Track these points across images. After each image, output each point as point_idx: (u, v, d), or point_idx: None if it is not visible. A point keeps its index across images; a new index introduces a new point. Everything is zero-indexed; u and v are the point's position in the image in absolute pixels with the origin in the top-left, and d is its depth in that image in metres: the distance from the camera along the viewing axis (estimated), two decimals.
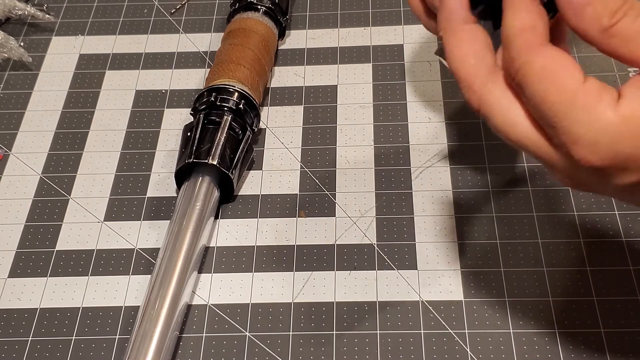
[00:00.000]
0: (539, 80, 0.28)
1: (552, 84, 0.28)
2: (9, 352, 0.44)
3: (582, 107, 0.27)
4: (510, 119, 0.30)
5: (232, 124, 0.49)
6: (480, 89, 0.30)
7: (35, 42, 0.61)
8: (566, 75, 0.28)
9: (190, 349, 0.44)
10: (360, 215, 0.49)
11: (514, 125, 0.30)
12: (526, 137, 0.30)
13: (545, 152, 0.30)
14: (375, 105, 0.55)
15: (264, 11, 0.56)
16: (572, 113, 0.27)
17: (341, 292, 0.45)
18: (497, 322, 0.44)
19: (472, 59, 0.30)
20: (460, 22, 0.31)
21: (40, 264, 0.48)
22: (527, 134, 0.30)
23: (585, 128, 0.27)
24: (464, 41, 0.31)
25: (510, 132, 0.30)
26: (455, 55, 0.31)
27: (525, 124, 0.30)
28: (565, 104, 0.28)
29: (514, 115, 0.30)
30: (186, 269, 0.44)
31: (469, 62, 0.30)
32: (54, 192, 0.51)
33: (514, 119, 0.30)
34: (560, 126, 0.28)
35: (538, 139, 0.30)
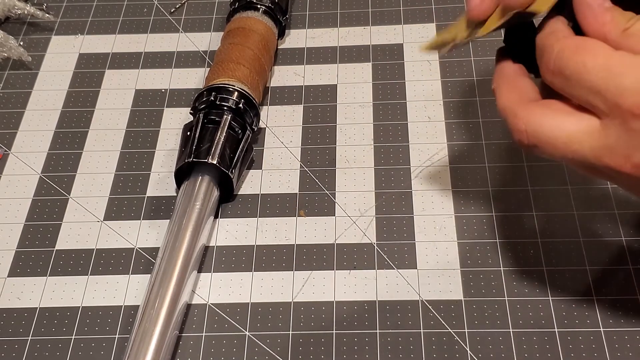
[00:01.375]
0: (576, 55, 0.31)
1: (588, 53, 0.31)
2: (8, 352, 0.44)
3: (620, 61, 0.30)
4: (557, 123, 0.32)
5: (231, 124, 0.49)
6: (524, 113, 0.33)
7: (34, 41, 0.61)
8: (598, 45, 0.31)
9: (190, 348, 0.44)
10: (360, 215, 0.49)
11: (563, 128, 0.32)
12: (577, 131, 0.32)
13: (599, 136, 0.31)
14: (375, 104, 0.55)
15: (264, 10, 0.56)
16: (612, 69, 0.30)
17: (341, 292, 0.45)
18: (497, 322, 0.44)
19: (516, 95, 0.34)
20: (511, 75, 0.36)
21: (40, 264, 0.48)
22: (576, 128, 0.32)
23: (628, 77, 0.30)
24: (511, 84, 0.35)
25: (561, 135, 0.32)
26: (503, 93, 0.35)
27: (572, 121, 0.32)
28: (604, 65, 0.31)
29: (560, 119, 0.32)
30: (186, 268, 0.44)
31: (514, 97, 0.34)
32: (53, 192, 0.51)
33: (561, 122, 0.32)
34: (604, 86, 0.30)
35: (588, 127, 0.32)
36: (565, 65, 0.32)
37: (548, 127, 0.33)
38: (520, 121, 0.34)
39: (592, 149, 0.32)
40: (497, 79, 0.37)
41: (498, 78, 0.37)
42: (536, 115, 0.33)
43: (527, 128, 0.33)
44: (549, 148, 0.33)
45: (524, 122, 0.33)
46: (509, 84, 0.36)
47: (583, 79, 0.31)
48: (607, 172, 0.33)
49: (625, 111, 0.30)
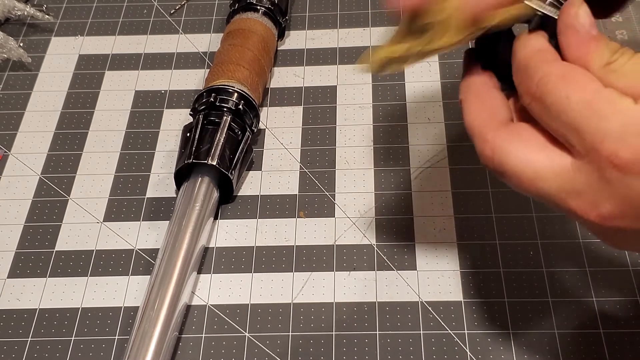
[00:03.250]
0: (561, 86, 0.29)
1: (574, 85, 0.29)
2: (8, 353, 0.44)
3: (607, 101, 0.28)
4: (526, 156, 0.30)
5: (231, 125, 0.49)
6: (493, 137, 0.31)
7: (34, 42, 0.61)
8: (587, 79, 0.29)
9: (189, 349, 0.43)
10: (359, 216, 0.49)
11: (531, 162, 0.30)
12: (544, 167, 0.30)
13: (568, 178, 0.29)
14: (375, 105, 0.55)
15: (264, 12, 0.56)
16: (596, 109, 0.28)
17: (340, 293, 0.45)
18: (497, 323, 0.44)
19: (486, 113, 0.32)
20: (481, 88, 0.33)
21: (40, 265, 0.48)
22: (545, 164, 0.30)
23: (612, 122, 0.28)
24: (480, 99, 0.33)
25: (528, 169, 0.30)
26: (471, 110, 0.32)
27: (541, 156, 0.30)
28: (589, 102, 0.28)
29: (530, 152, 0.30)
30: (185, 269, 0.44)
31: (483, 116, 0.32)
32: (53, 193, 0.51)
33: (530, 156, 0.30)
34: (585, 126, 0.28)
35: (558, 165, 0.30)
36: (548, 92, 0.29)
37: (515, 159, 0.30)
38: (488, 146, 0.31)
39: (559, 190, 0.30)
40: (465, 91, 0.34)
41: (466, 89, 0.34)
42: (505, 143, 0.31)
43: (494, 155, 0.31)
44: (514, 180, 0.31)
45: (491, 149, 0.31)
46: (479, 98, 0.33)
47: (564, 113, 0.29)
48: (572, 215, 0.31)
49: (602, 158, 0.28)
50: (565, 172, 0.29)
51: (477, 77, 0.34)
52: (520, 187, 0.31)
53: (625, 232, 0.30)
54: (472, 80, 0.34)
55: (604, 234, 0.31)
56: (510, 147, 0.30)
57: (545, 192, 0.30)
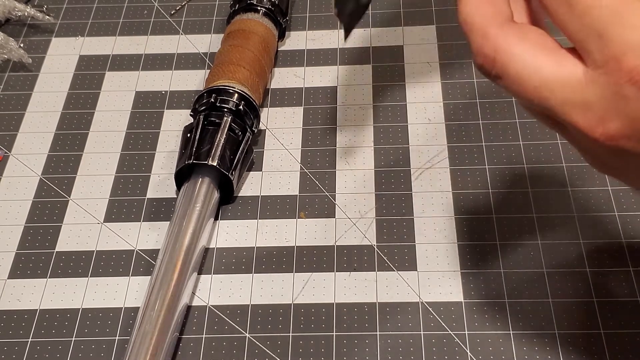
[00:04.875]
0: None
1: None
2: (8, 353, 0.44)
3: (636, 9, 0.26)
4: (534, 59, 0.27)
5: (232, 125, 0.49)
6: (496, 34, 0.28)
7: (35, 43, 0.61)
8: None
9: (190, 350, 0.44)
10: (360, 217, 0.49)
11: (538, 69, 0.27)
12: (553, 74, 0.27)
13: (579, 88, 0.27)
14: (375, 106, 0.55)
15: (264, 12, 0.56)
16: (627, 17, 0.26)
17: (341, 294, 0.45)
18: (497, 323, 0.44)
19: (490, 7, 0.28)
20: None
21: (40, 265, 0.48)
22: (554, 71, 0.27)
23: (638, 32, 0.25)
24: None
25: (533, 77, 0.27)
26: (472, 1, 0.29)
27: (551, 62, 0.27)
28: (619, 8, 0.26)
29: (538, 55, 0.27)
30: (186, 270, 0.44)
31: (484, 10, 0.28)
32: (53, 193, 0.51)
33: (538, 59, 0.27)
34: (611, 32, 0.26)
35: (569, 73, 0.27)
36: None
37: (521, 62, 0.27)
38: (489, 44, 0.28)
39: (565, 101, 0.27)
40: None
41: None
42: (511, 43, 0.27)
43: (496, 56, 0.28)
44: (514, 87, 0.28)
45: (494, 48, 0.28)
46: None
47: (589, 13, 0.26)
48: (570, 130, 0.28)
49: (623, 71, 0.25)
50: (576, 81, 0.27)
51: None
52: (520, 94, 0.28)
53: (626, 156, 0.27)
54: None
55: (600, 157, 0.29)
56: (516, 48, 0.27)
57: (549, 102, 0.27)
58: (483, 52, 0.28)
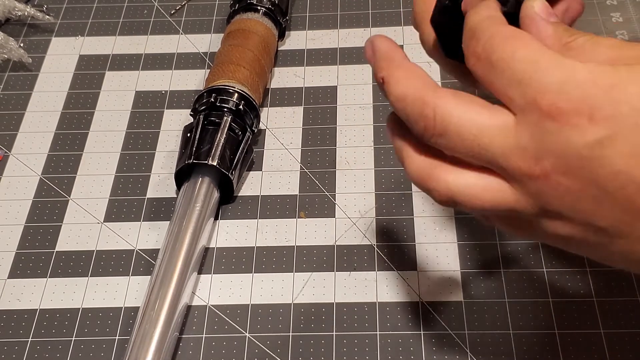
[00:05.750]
0: (507, 43, 0.29)
1: (520, 43, 0.29)
2: (8, 353, 0.44)
3: (550, 58, 0.29)
4: (469, 114, 0.30)
5: (231, 125, 0.49)
6: (433, 98, 0.30)
7: (35, 43, 0.61)
8: (534, 40, 0.30)
9: (190, 349, 0.44)
10: (360, 216, 0.49)
11: (475, 119, 0.30)
12: (488, 124, 0.29)
13: (511, 134, 0.29)
14: (375, 106, 0.55)
15: (264, 12, 0.56)
16: (539, 63, 0.28)
17: (341, 293, 0.45)
18: (497, 323, 0.44)
19: (420, 81, 0.31)
20: (405, 60, 0.32)
21: (40, 265, 0.48)
22: (488, 121, 0.30)
23: (552, 75, 0.28)
24: (410, 71, 0.31)
25: (472, 126, 0.30)
26: (401, 80, 0.31)
27: (485, 114, 0.30)
28: (533, 57, 0.29)
29: (473, 110, 0.30)
30: (186, 269, 0.44)
31: (416, 84, 0.31)
32: (53, 193, 0.51)
33: (473, 114, 0.30)
34: (528, 79, 0.28)
35: (502, 122, 0.29)
36: (494, 50, 0.29)
37: (458, 116, 0.30)
38: (429, 107, 0.30)
39: (502, 146, 0.29)
40: (386, 66, 0.32)
41: (387, 65, 0.32)
42: (447, 101, 0.30)
43: (436, 115, 0.30)
44: (456, 139, 0.30)
45: (433, 108, 0.30)
46: (408, 70, 0.31)
47: (508, 68, 0.29)
48: (517, 175, 0.30)
49: (543, 109, 0.28)
50: (508, 128, 0.29)
51: (396, 52, 0.32)
52: (461, 147, 0.30)
53: (572, 194, 0.29)
54: (394, 55, 0.32)
55: (555, 200, 0.30)
56: (452, 106, 0.30)
57: (488, 150, 0.30)
58: (424, 115, 0.30)
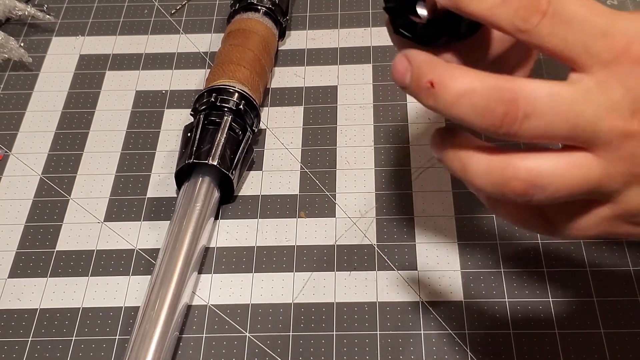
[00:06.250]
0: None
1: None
2: (9, 353, 0.44)
3: (616, 10, 0.28)
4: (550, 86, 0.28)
5: (232, 125, 0.49)
6: (507, 80, 0.28)
7: (35, 42, 0.61)
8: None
9: (190, 349, 0.44)
10: (360, 216, 0.49)
11: (558, 89, 0.28)
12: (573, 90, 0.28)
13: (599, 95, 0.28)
14: (376, 105, 0.55)
15: (264, 12, 0.56)
16: (617, 15, 0.28)
17: (341, 293, 0.45)
18: (497, 323, 0.44)
19: (480, 73, 0.29)
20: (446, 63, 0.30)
21: (40, 265, 0.48)
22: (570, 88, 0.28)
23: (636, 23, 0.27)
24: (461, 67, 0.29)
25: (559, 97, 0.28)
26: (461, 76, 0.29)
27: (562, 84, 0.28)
28: (607, 10, 0.28)
29: (550, 83, 0.28)
30: (186, 269, 0.44)
31: (479, 75, 0.28)
32: (54, 193, 0.51)
33: (554, 86, 0.28)
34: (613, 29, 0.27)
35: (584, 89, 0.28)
36: (566, 5, 0.27)
37: (542, 91, 0.28)
38: (507, 90, 0.28)
39: (595, 108, 0.27)
40: (432, 67, 0.29)
41: (433, 66, 0.29)
42: (524, 81, 0.28)
43: (519, 96, 0.28)
44: (548, 115, 0.28)
45: (512, 90, 0.28)
46: (460, 67, 0.29)
47: (588, 22, 0.27)
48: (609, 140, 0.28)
49: (636, 56, 0.27)
50: (593, 90, 0.28)
51: (437, 58, 0.30)
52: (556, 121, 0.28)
53: None
54: (436, 60, 0.30)
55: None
56: (532, 85, 0.28)
57: (582, 116, 0.28)
58: (505, 99, 0.28)
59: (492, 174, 0.29)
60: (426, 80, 0.29)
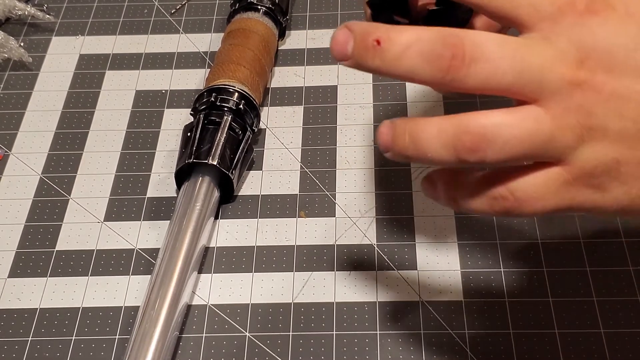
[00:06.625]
0: None
1: None
2: (8, 352, 0.44)
3: None
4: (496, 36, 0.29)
5: (232, 124, 0.49)
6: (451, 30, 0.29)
7: (35, 42, 0.61)
8: None
9: (190, 349, 0.44)
10: (360, 216, 0.49)
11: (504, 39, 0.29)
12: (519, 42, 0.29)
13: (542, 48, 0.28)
14: (376, 105, 0.55)
15: (264, 11, 0.56)
16: None
17: (341, 293, 0.45)
18: (497, 323, 0.44)
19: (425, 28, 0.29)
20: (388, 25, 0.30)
21: (40, 264, 0.48)
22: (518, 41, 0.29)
23: None
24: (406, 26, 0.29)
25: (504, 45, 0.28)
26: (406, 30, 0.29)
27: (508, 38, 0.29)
28: None
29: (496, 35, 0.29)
30: (186, 269, 0.44)
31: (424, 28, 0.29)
32: (54, 192, 0.51)
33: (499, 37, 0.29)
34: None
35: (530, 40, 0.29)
36: None
37: (487, 38, 0.28)
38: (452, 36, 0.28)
39: (541, 57, 0.28)
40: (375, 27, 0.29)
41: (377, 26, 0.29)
42: (467, 30, 0.29)
43: (464, 40, 0.28)
44: (494, 61, 0.28)
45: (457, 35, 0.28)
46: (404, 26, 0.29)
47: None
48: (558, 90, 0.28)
49: (579, 7, 0.28)
50: (539, 43, 0.28)
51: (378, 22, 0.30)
52: (502, 68, 0.28)
53: (619, 97, 0.28)
54: (378, 23, 0.30)
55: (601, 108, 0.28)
56: (475, 32, 0.29)
57: (530, 65, 0.28)
58: (450, 43, 0.28)
59: (443, 133, 0.29)
60: (372, 38, 0.29)
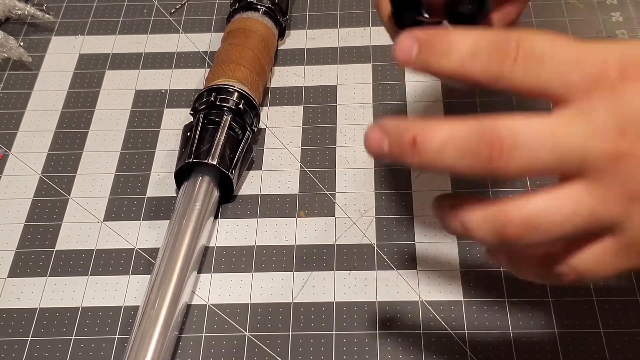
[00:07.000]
0: (542, 36, 0.28)
1: (548, 34, 0.28)
2: (8, 352, 0.44)
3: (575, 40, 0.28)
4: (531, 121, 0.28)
5: (231, 124, 0.49)
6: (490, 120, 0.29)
7: (35, 41, 0.61)
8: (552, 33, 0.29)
9: (189, 349, 0.44)
10: (360, 216, 0.49)
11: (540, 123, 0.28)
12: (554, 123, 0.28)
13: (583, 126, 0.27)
14: (375, 105, 0.55)
15: (264, 11, 0.56)
16: (584, 42, 0.28)
17: (341, 292, 0.45)
18: (497, 322, 0.44)
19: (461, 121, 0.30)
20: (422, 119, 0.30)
21: (40, 264, 0.48)
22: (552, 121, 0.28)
23: (607, 46, 0.28)
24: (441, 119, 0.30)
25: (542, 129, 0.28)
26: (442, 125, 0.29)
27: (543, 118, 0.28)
28: (571, 41, 0.28)
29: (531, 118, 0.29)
30: (186, 268, 0.44)
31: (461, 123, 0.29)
32: (53, 192, 0.51)
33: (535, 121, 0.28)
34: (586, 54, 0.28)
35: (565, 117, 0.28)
36: (534, 43, 0.28)
37: (523, 125, 0.28)
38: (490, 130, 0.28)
39: (579, 136, 0.27)
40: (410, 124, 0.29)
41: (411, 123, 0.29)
42: (504, 117, 0.28)
43: (502, 135, 0.28)
44: (534, 148, 0.27)
45: (495, 129, 0.28)
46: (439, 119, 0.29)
47: (559, 54, 0.27)
48: (599, 165, 0.27)
49: (613, 77, 0.27)
50: (574, 119, 0.27)
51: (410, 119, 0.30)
52: (540, 154, 0.27)
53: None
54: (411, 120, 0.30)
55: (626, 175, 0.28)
56: (512, 119, 0.28)
57: (568, 146, 0.27)
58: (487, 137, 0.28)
59: (488, 222, 0.29)
60: (408, 138, 0.28)
